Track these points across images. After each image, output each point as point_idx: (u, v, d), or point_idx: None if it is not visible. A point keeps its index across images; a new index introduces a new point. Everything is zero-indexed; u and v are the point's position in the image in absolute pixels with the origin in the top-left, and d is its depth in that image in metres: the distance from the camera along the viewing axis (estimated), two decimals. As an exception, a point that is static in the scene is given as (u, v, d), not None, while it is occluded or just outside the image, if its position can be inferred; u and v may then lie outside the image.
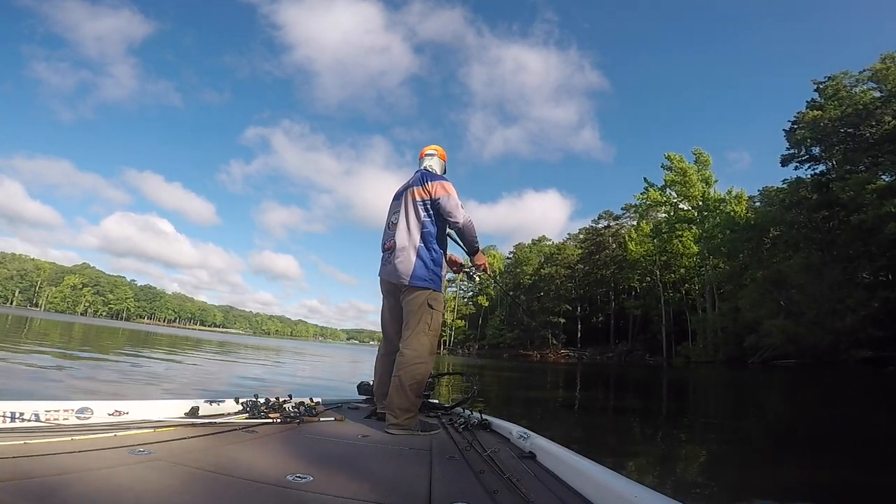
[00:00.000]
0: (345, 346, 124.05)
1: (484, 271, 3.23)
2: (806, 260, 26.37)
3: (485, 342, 70.39)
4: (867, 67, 29.59)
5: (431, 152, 3.11)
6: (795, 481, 3.68)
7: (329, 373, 13.64)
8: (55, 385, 5.60)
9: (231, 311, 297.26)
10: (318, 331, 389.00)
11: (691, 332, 42.34)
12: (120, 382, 6.60)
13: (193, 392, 6.44)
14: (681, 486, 3.32)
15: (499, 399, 8.99)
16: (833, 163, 31.20)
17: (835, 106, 29.61)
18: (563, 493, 1.51)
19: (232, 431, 2.05)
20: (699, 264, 43.53)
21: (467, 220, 2.78)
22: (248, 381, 9.43)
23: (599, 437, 5.37)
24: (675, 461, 4.21)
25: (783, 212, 30.35)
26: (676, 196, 43.11)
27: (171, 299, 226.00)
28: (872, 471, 3.98)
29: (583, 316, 61.44)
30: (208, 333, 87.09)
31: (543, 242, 74.06)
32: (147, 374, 8.18)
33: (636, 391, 13.29)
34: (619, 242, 57.69)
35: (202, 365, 11.74)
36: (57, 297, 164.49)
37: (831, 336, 22.39)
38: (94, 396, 3.19)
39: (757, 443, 5.52)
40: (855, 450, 4.84)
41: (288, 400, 2.62)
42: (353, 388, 3.74)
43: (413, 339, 2.66)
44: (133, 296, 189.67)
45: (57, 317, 75.08)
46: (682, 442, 5.40)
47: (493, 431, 2.60)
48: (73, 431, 1.78)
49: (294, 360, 17.96)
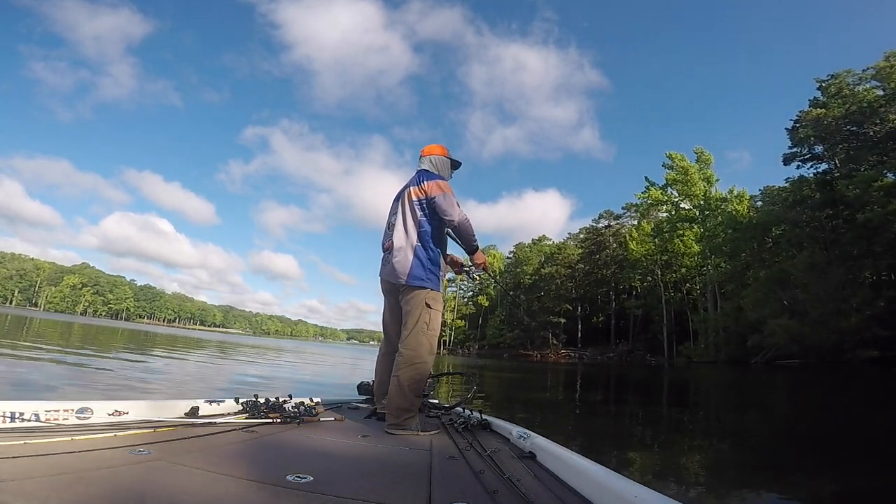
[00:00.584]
0: (345, 346, 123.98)
1: (484, 270, 3.20)
2: (810, 259, 26.16)
3: (485, 342, 70.31)
4: (871, 66, 29.44)
5: (431, 151, 3.08)
6: (802, 486, 3.59)
7: (328, 373, 13.54)
8: (52, 385, 5.53)
9: (231, 311, 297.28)
10: (317, 331, 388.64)
11: (693, 331, 42.28)
12: (117, 382, 6.53)
13: (192, 392, 6.38)
14: (682, 489, 3.29)
15: (499, 400, 8.86)
16: (836, 161, 31.07)
17: (838, 104, 29.41)
18: (563, 494, 1.51)
19: (232, 431, 2.06)
20: (700, 264, 43.45)
21: (463, 218, 2.78)
22: (249, 378, 9.41)
23: (600, 440, 5.25)
24: (677, 464, 4.15)
25: (786, 210, 30.16)
26: (678, 195, 42.95)
27: (171, 299, 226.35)
28: (879, 473, 3.87)
29: (583, 316, 61.39)
30: (208, 333, 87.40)
31: (544, 242, 73.93)
32: (144, 374, 8.10)
33: (638, 392, 13.15)
34: (620, 242, 57.65)
35: (201, 365, 11.65)
36: (56, 296, 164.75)
37: (836, 336, 22.20)
38: (94, 397, 3.18)
39: (761, 445, 5.41)
40: (859, 452, 4.73)
41: (288, 400, 2.62)
42: (352, 388, 3.73)
43: (411, 338, 2.65)
44: (133, 295, 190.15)
45: (56, 316, 75.19)
46: (685, 444, 5.31)
47: (493, 431, 2.61)
48: (73, 431, 1.79)
49: (293, 361, 17.91)
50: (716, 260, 40.12)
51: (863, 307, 22.78)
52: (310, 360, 19.62)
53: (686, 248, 43.90)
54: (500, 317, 68.57)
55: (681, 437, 5.74)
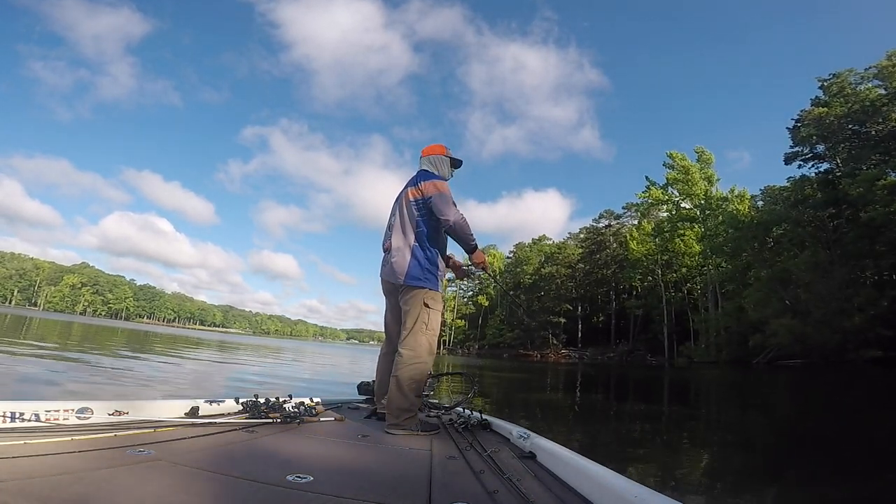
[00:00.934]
0: (345, 345, 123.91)
1: (483, 270, 3.18)
2: (813, 258, 26.06)
3: (485, 342, 70.17)
4: (873, 65, 29.29)
5: (431, 151, 3.07)
6: (805, 489, 3.54)
7: (328, 372, 13.48)
8: (51, 385, 5.49)
9: (231, 311, 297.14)
10: (317, 330, 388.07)
11: (693, 332, 42.18)
12: (117, 382, 6.50)
13: (191, 393, 6.35)
14: (683, 490, 3.26)
15: (499, 401, 8.78)
16: (838, 161, 30.95)
17: (840, 103, 29.28)
18: (563, 494, 1.50)
19: (232, 431, 2.06)
20: (701, 264, 43.36)
21: (459, 218, 2.74)
22: (249, 377, 9.40)
23: (603, 444, 5.13)
24: (679, 467, 4.10)
25: (788, 209, 30.05)
26: (678, 194, 42.90)
27: (171, 299, 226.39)
28: (884, 476, 3.80)
29: (583, 316, 61.30)
30: (208, 333, 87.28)
31: (544, 242, 73.81)
32: (144, 374, 8.08)
33: (639, 393, 13.07)
34: (620, 242, 57.53)
35: (200, 365, 11.57)
36: (56, 296, 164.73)
37: (839, 336, 22.10)
38: (94, 397, 3.19)
39: (765, 447, 5.33)
40: (863, 454, 4.66)
41: (288, 400, 2.63)
42: (352, 387, 3.74)
43: (411, 338, 2.66)
44: (132, 295, 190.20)
45: (56, 316, 75.15)
46: (687, 446, 5.25)
47: (494, 431, 2.61)
48: (73, 431, 1.79)
49: (292, 360, 17.85)
50: (716, 260, 40.00)
51: (866, 307, 22.70)
52: (309, 359, 19.55)
53: (687, 247, 43.81)
54: (500, 317, 68.49)
55: (683, 438, 5.67)
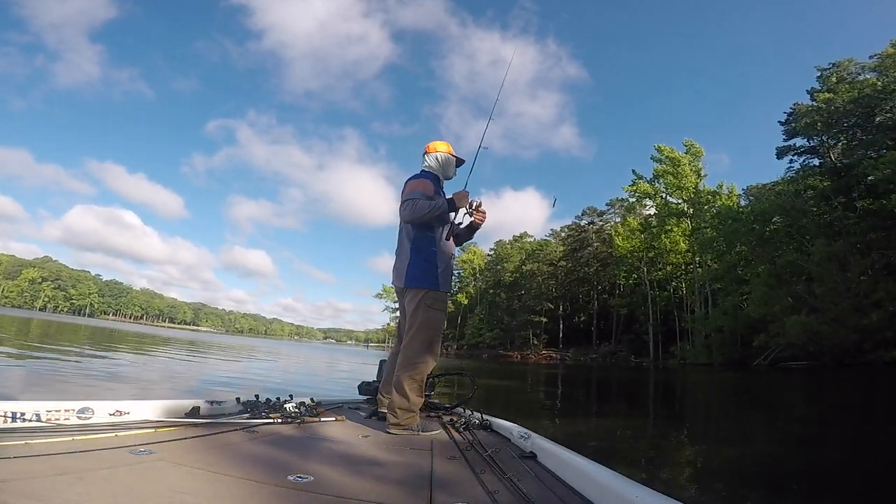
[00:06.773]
0: (321, 345, 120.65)
1: (474, 209, 2.89)
2: (827, 250, 24.37)
3: (464, 342, 67.93)
4: (877, 53, 28.04)
5: (432, 149, 3.03)
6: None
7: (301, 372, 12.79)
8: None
9: (203, 309, 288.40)
10: (293, 329, 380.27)
11: (680, 331, 40.74)
12: (66, 383, 6.16)
13: (157, 396, 5.49)
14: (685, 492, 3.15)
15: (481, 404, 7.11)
16: (832, 155, 29.88)
17: (846, 89, 28.03)
18: (563, 494, 1.50)
19: (233, 431, 2.09)
20: (689, 261, 41.96)
21: (409, 210, 2.67)
22: (220, 380, 8.87)
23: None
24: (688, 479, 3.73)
25: (792, 199, 28.54)
26: (666, 188, 41.34)
27: (139, 295, 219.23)
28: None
29: (565, 315, 60.06)
30: (177, 331, 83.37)
31: (525, 239, 72.19)
32: (108, 375, 7.69)
33: (634, 398, 12.02)
34: (603, 239, 56.48)
35: (165, 365, 11.02)
36: (13, 291, 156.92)
37: (856, 335, 20.31)
38: (94, 397, 2.65)
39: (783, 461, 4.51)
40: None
41: (288, 400, 2.63)
42: (353, 387, 3.67)
43: (412, 339, 2.68)
44: (97, 291, 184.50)
45: (12, 312, 71.86)
46: (699, 458, 4.66)
47: (494, 431, 2.61)
48: (74, 431, 1.79)
49: (263, 361, 16.83)
50: (705, 257, 38.56)
51: (885, 302, 20.90)
52: (284, 360, 18.52)
53: (672, 244, 42.24)
54: (480, 315, 66.70)
55: (692, 448, 5.23)
